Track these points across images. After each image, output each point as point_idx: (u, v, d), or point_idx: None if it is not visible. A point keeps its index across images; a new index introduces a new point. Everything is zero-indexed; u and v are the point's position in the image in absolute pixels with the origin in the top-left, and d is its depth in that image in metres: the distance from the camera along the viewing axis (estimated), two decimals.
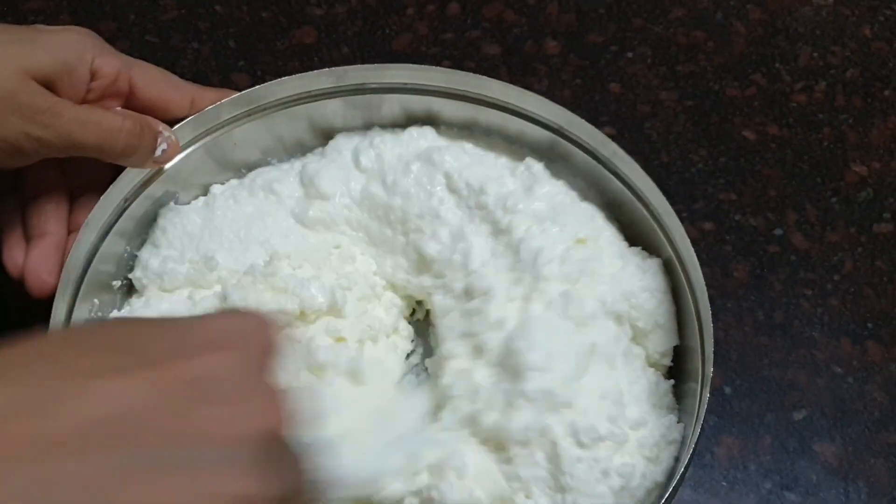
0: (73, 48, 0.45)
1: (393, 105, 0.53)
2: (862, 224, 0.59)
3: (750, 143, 0.62)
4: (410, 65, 0.52)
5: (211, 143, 0.51)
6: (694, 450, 0.41)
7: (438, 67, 0.54)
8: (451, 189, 0.50)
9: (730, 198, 0.60)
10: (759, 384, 0.53)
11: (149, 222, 0.51)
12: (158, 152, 0.47)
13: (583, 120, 0.50)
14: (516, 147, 0.53)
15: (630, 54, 0.65)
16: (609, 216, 0.51)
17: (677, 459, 0.43)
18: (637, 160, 0.50)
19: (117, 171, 0.49)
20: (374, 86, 0.52)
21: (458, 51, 0.65)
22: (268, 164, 0.53)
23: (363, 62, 0.64)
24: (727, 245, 0.58)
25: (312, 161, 0.52)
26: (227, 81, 0.62)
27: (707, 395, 0.42)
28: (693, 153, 0.62)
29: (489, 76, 0.64)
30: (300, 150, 0.54)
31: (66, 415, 0.24)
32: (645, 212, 0.49)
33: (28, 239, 0.48)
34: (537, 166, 0.51)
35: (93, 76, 0.46)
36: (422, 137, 0.52)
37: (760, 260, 0.58)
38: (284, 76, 0.53)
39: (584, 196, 0.51)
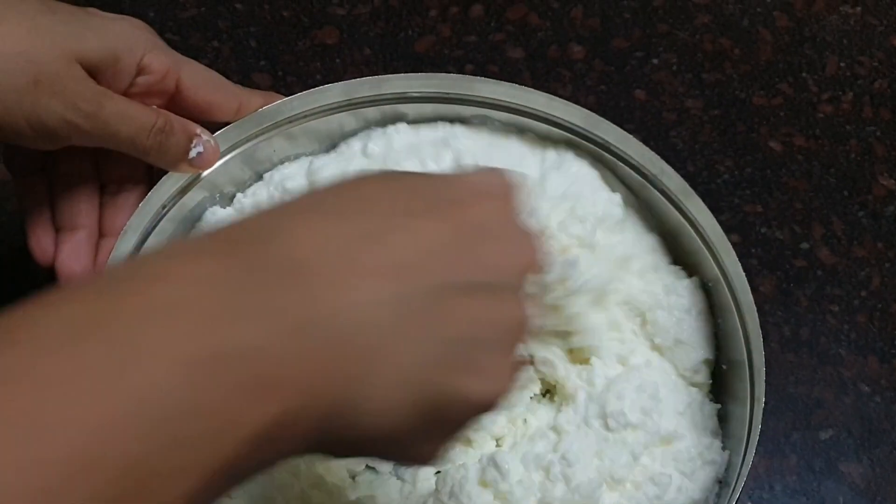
0: (125, 39, 0.44)
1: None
2: (889, 239, 0.58)
3: (776, 154, 0.61)
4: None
5: (250, 150, 0.50)
6: (746, 473, 0.41)
7: (489, 79, 0.52)
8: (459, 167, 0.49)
9: (756, 210, 0.59)
10: (786, 402, 0.52)
11: (187, 229, 0.50)
12: (193, 154, 0.46)
13: (631, 136, 0.49)
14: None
15: (655, 60, 0.64)
16: (651, 227, 0.50)
17: (720, 483, 0.43)
18: None
19: (150, 170, 0.48)
20: (415, 95, 0.51)
21: (481, 54, 0.64)
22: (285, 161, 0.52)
23: (385, 64, 0.63)
24: (753, 258, 0.57)
25: (322, 156, 0.51)
26: (248, 81, 0.61)
27: (759, 415, 0.41)
28: (719, 163, 0.61)
29: (512, 81, 0.63)
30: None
31: (402, 245, 0.29)
32: (689, 229, 0.48)
33: (58, 229, 0.47)
34: (568, 154, 0.50)
35: (140, 71, 0.45)
36: (442, 129, 0.51)
37: (787, 274, 0.57)
38: (306, 76, 0.52)
39: (626, 202, 0.50)
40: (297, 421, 0.26)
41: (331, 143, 0.52)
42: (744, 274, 0.46)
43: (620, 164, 0.50)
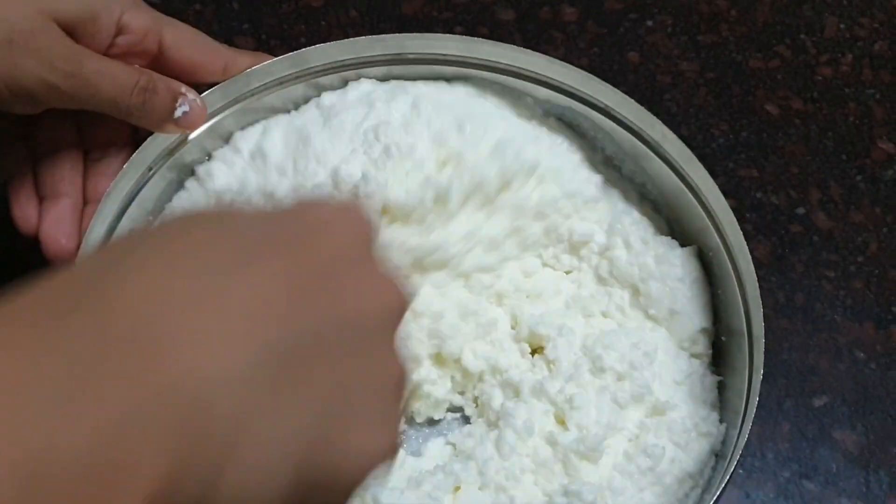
0: None
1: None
2: (888, 203, 0.57)
3: (773, 118, 0.60)
4: (458, 36, 0.50)
5: (240, 111, 0.48)
6: (743, 446, 0.40)
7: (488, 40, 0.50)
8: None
9: (751, 174, 0.58)
10: (779, 369, 0.51)
11: (172, 192, 0.48)
12: (178, 114, 0.45)
13: (632, 101, 0.48)
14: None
15: (650, 22, 0.63)
16: (638, 199, 0.49)
17: (716, 455, 0.42)
18: None
19: (134, 134, 0.47)
20: (411, 56, 0.50)
21: (470, 16, 0.62)
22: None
23: (372, 26, 0.62)
24: (747, 223, 0.56)
25: (276, 117, 0.50)
26: (231, 45, 0.60)
27: (757, 386, 0.40)
28: (714, 127, 0.59)
29: (503, 42, 0.62)
30: None
31: (248, 297, 0.24)
32: (689, 195, 0.47)
33: (41, 198, 0.46)
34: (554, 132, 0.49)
35: (119, 31, 0.44)
36: (410, 85, 0.49)
37: (782, 240, 0.56)
38: (290, 39, 0.50)
39: (609, 181, 0.49)
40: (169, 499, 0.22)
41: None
42: (745, 242, 0.45)
43: (619, 128, 0.48)
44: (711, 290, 0.47)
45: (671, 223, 0.50)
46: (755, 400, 0.41)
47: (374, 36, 0.49)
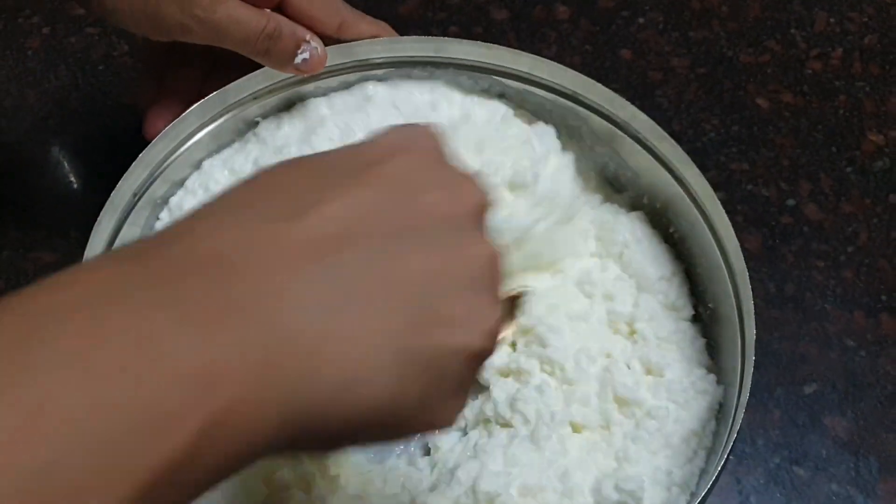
0: None
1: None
2: (877, 194, 0.58)
3: (763, 112, 0.60)
4: (426, 37, 0.51)
5: (216, 131, 0.50)
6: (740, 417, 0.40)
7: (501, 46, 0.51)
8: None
9: (742, 167, 0.59)
10: (770, 357, 0.52)
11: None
12: (299, 60, 0.47)
13: (596, 83, 0.49)
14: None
15: (641, 20, 0.64)
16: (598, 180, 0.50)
17: (717, 419, 0.43)
18: None
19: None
20: (378, 60, 0.50)
21: (465, 16, 0.63)
22: None
23: None
24: (738, 216, 0.57)
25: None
26: None
27: (751, 357, 0.41)
28: (705, 121, 0.60)
29: (497, 42, 0.62)
30: None
31: (324, 218, 0.27)
32: (663, 171, 0.48)
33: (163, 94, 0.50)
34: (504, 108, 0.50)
35: None
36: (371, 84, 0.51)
37: (772, 231, 0.56)
38: None
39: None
40: (250, 414, 0.24)
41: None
42: (713, 193, 0.45)
43: (593, 115, 0.49)
44: (692, 261, 0.48)
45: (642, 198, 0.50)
46: (752, 357, 0.42)
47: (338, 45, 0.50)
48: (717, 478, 0.39)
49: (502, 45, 0.62)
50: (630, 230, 0.48)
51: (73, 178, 0.59)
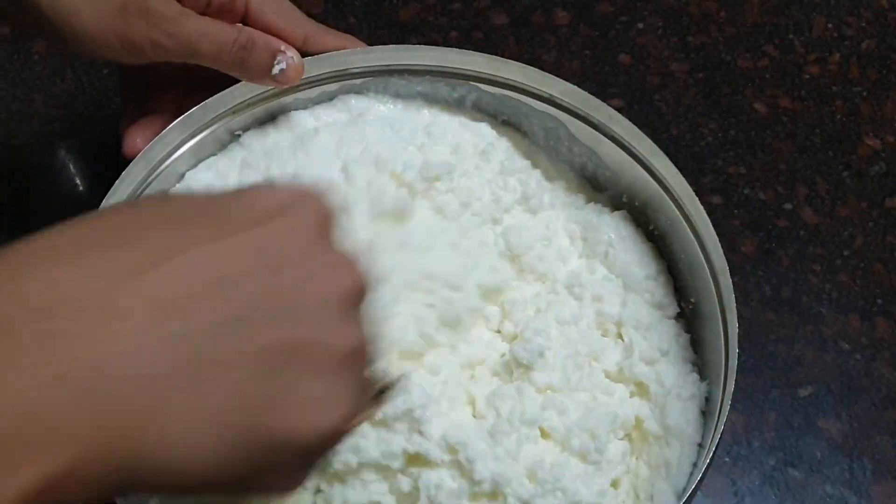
0: None
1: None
2: (874, 199, 0.58)
3: (761, 116, 0.61)
4: (392, 46, 0.51)
5: (197, 145, 0.50)
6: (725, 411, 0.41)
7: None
8: None
9: (739, 171, 0.59)
10: (765, 360, 0.53)
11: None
12: (276, 70, 0.47)
13: (574, 86, 0.49)
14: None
15: (641, 25, 0.64)
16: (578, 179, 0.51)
17: (704, 413, 0.44)
18: (646, 133, 0.49)
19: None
20: (356, 70, 0.51)
21: (465, 21, 0.64)
22: None
23: (370, 32, 0.63)
24: (735, 219, 0.57)
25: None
26: None
27: (735, 350, 0.42)
28: (703, 126, 0.61)
29: (497, 47, 0.63)
30: None
31: (174, 278, 0.25)
32: (638, 167, 0.48)
33: (143, 114, 0.50)
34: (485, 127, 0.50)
35: None
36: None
37: (769, 234, 0.57)
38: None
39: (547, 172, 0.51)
40: (80, 475, 0.24)
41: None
42: (692, 191, 0.46)
43: (571, 117, 0.50)
44: (673, 258, 0.49)
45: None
46: (734, 347, 0.42)
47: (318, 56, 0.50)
48: (706, 471, 0.40)
49: (502, 49, 0.63)
50: (615, 229, 0.48)
51: (79, 182, 0.60)
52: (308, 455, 0.28)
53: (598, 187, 0.51)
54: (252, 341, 0.26)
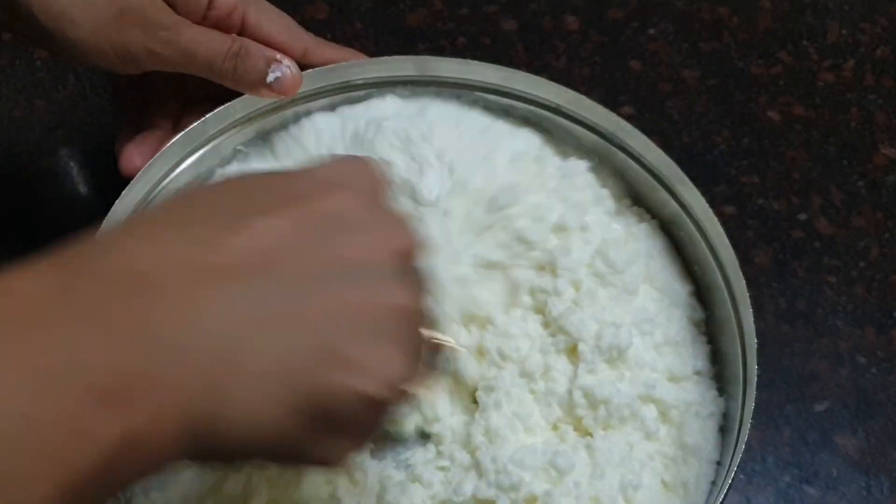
0: None
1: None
2: (890, 209, 0.57)
3: (774, 124, 0.60)
4: (413, 56, 0.50)
5: (197, 161, 0.49)
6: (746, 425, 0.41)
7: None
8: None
9: (752, 181, 0.58)
10: (780, 374, 0.52)
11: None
12: (271, 79, 0.46)
13: (583, 96, 0.48)
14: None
15: (652, 31, 0.63)
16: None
17: (724, 431, 0.43)
18: (656, 140, 0.48)
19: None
20: (359, 82, 0.50)
21: (474, 26, 0.63)
22: None
23: (376, 38, 0.62)
24: (749, 230, 0.56)
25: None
26: None
27: (754, 376, 0.41)
28: (715, 134, 0.60)
29: (506, 53, 0.62)
30: None
31: (242, 246, 0.28)
32: (649, 176, 0.48)
33: (140, 130, 0.49)
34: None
35: (210, 4, 0.46)
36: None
37: (783, 245, 0.56)
38: None
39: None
40: (157, 433, 0.26)
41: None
42: (702, 197, 0.46)
43: (579, 127, 0.49)
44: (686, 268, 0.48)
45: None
46: (754, 367, 0.42)
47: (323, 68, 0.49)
48: (727, 492, 0.39)
49: (511, 56, 0.62)
50: (650, 242, 0.47)
51: (81, 189, 0.59)
52: (371, 409, 0.29)
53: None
54: (312, 304, 0.28)
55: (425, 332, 0.31)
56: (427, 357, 0.31)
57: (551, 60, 0.62)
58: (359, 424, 0.29)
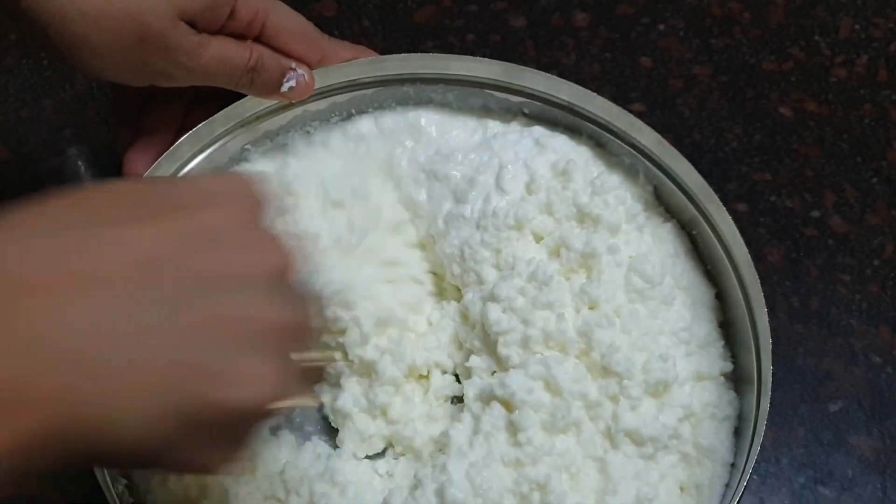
0: None
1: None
2: None
3: (787, 121, 0.59)
4: (433, 55, 0.51)
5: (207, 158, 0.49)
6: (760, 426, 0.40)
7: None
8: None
9: (765, 178, 0.58)
10: (793, 374, 0.51)
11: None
12: (285, 88, 0.47)
13: (594, 93, 0.48)
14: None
15: (662, 27, 0.63)
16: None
17: (737, 432, 0.43)
18: (668, 138, 0.48)
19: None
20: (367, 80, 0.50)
21: (482, 23, 0.63)
22: None
23: (385, 35, 0.62)
24: (761, 228, 0.56)
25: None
26: None
27: (769, 377, 0.41)
28: (727, 131, 0.59)
29: (514, 50, 0.62)
30: None
31: (104, 257, 0.28)
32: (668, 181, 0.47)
33: (142, 132, 0.49)
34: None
35: (231, 15, 0.46)
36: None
37: (796, 243, 0.55)
38: None
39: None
40: (42, 443, 0.26)
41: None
42: (715, 194, 0.45)
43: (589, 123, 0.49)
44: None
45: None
46: (769, 368, 0.41)
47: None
48: (742, 494, 0.38)
49: (520, 53, 0.62)
50: (676, 244, 0.47)
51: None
52: (239, 422, 0.29)
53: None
54: (183, 315, 0.28)
55: (301, 348, 0.31)
56: (302, 373, 0.31)
57: (561, 57, 0.62)
58: (229, 436, 0.30)
